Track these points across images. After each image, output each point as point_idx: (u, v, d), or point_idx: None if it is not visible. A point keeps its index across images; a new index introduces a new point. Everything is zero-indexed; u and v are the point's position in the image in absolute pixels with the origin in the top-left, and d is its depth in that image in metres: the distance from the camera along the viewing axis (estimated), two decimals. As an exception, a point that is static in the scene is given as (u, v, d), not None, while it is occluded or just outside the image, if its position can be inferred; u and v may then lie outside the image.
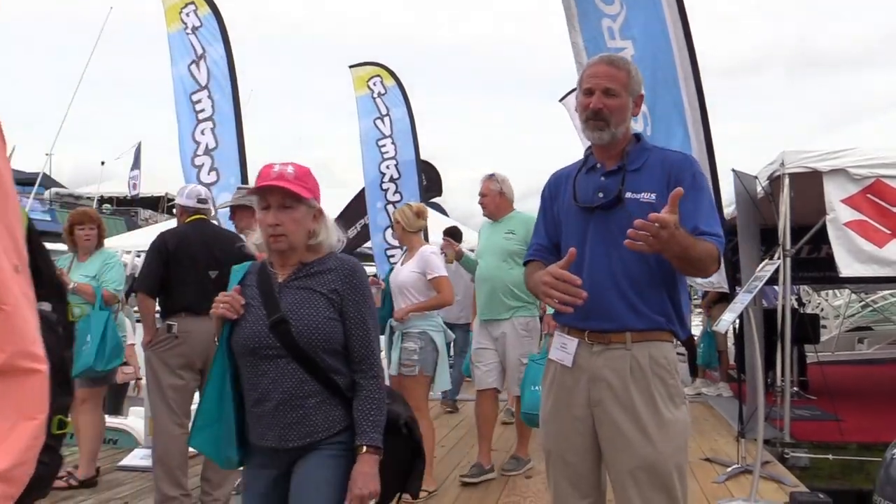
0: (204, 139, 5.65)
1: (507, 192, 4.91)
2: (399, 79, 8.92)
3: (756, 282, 4.50)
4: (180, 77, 5.78)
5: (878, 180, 5.34)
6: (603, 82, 2.25)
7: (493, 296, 4.80)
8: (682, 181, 2.16)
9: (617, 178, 2.26)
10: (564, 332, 2.33)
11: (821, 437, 5.73)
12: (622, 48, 5.82)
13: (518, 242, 4.71)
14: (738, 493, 4.39)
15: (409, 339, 4.43)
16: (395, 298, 4.59)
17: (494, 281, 4.79)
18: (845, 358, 11.59)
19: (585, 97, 2.28)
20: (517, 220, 4.85)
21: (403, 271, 4.61)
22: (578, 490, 2.28)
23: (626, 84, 2.26)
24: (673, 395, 2.21)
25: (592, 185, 2.30)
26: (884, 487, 3.36)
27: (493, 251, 4.86)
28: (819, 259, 8.49)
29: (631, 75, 2.28)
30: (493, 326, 4.86)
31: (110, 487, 4.72)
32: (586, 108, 2.27)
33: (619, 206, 2.22)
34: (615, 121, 2.25)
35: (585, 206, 2.26)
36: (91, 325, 4.63)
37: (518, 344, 4.79)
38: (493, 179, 4.89)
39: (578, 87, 2.35)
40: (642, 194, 2.21)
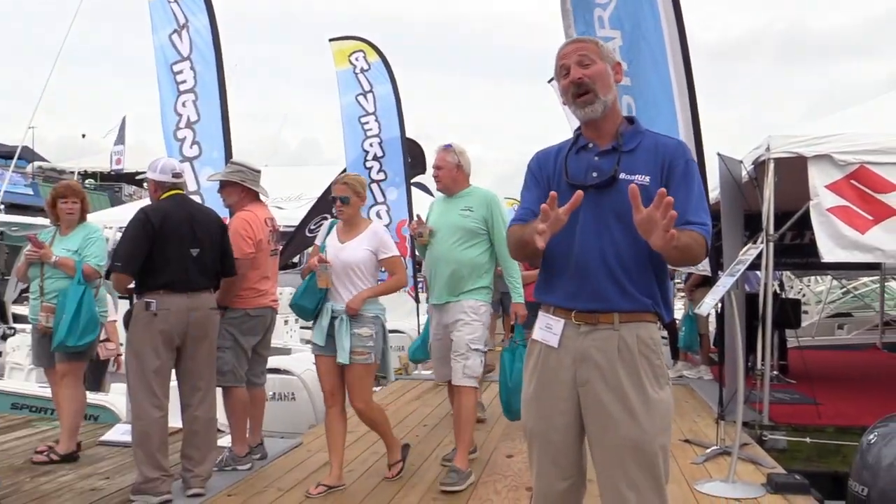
0: (186, 111, 5.54)
1: (464, 164, 4.48)
2: (384, 54, 8.82)
3: (739, 265, 4.52)
4: (161, 46, 5.65)
5: (862, 166, 5.37)
6: (574, 56, 2.28)
7: (453, 278, 4.37)
8: (675, 168, 2.21)
9: (611, 157, 2.26)
10: (549, 312, 2.32)
11: (799, 421, 5.80)
12: (611, 37, 5.80)
13: (476, 220, 4.37)
14: (716, 474, 4.44)
15: (362, 324, 4.06)
16: (339, 279, 4.10)
17: (454, 262, 4.36)
18: (825, 343, 11.71)
19: (564, 78, 2.30)
20: (475, 196, 4.45)
21: (350, 248, 4.14)
22: (561, 470, 2.29)
23: (597, 52, 2.29)
24: (658, 376, 2.23)
25: (585, 165, 2.29)
26: (859, 471, 3.41)
27: (449, 229, 4.42)
28: (802, 245, 8.56)
29: (599, 45, 2.32)
30: (444, 311, 4.44)
31: (91, 462, 4.70)
32: (569, 86, 2.27)
33: (613, 186, 2.22)
34: (601, 88, 2.25)
35: (578, 185, 2.22)
36: (66, 299, 4.58)
37: (468, 328, 4.35)
38: (450, 151, 4.46)
39: (556, 76, 2.36)
40: (636, 176, 2.20)
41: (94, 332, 4.68)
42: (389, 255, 4.19)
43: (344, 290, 4.10)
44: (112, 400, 6.34)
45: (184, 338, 3.99)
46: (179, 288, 3.96)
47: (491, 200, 4.42)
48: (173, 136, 5.53)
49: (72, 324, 4.53)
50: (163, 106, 5.60)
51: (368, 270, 4.14)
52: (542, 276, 2.38)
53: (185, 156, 5.46)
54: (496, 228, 4.38)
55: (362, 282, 4.11)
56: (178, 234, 4.01)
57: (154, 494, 3.87)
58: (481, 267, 4.41)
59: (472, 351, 4.30)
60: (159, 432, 3.93)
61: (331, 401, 4.19)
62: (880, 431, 3.44)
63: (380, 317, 4.17)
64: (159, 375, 3.95)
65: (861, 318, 13.12)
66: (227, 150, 5.48)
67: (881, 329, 11.58)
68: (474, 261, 4.35)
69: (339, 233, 4.24)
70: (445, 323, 4.44)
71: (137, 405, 3.94)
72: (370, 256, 4.14)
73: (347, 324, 4.04)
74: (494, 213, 4.40)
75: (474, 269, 4.37)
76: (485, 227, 4.40)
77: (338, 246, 4.16)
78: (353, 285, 4.10)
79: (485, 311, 4.42)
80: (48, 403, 6.08)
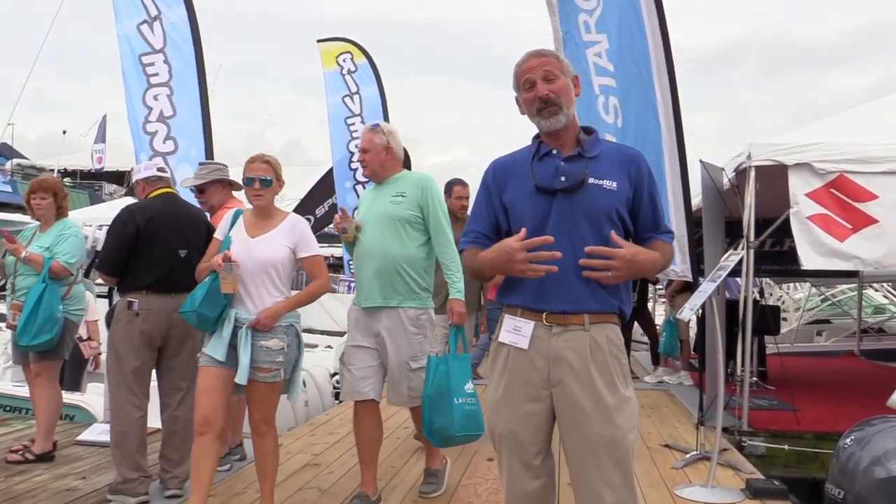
0: (157, 105, 5.41)
1: (394, 147, 3.86)
2: (371, 56, 8.83)
3: (720, 271, 4.55)
4: (126, 35, 5.50)
5: (842, 175, 5.42)
6: (539, 70, 2.33)
7: (382, 277, 3.71)
8: (641, 178, 2.35)
9: (578, 163, 2.32)
10: (517, 314, 2.34)
11: (778, 427, 5.84)
12: (597, 41, 5.84)
13: (409, 207, 3.75)
14: (695, 478, 4.46)
15: (272, 335, 3.37)
16: (250, 282, 3.39)
17: (383, 257, 3.71)
18: (804, 350, 11.84)
19: (528, 92, 2.35)
20: (408, 180, 3.85)
21: (265, 244, 3.43)
22: (531, 471, 2.32)
23: (559, 67, 2.35)
24: (626, 375, 2.32)
25: (552, 169, 2.33)
26: (836, 476, 3.44)
27: (378, 219, 3.77)
28: (781, 252, 8.65)
29: (560, 59, 2.38)
30: (374, 317, 3.75)
31: (67, 462, 4.65)
32: (534, 101, 2.33)
33: (582, 189, 2.28)
34: (565, 102, 2.33)
35: (547, 189, 2.29)
36: (27, 297, 4.52)
37: (406, 343, 3.72)
38: (378, 131, 3.84)
39: (516, 87, 2.40)
40: (604, 181, 2.30)
41: (51, 332, 4.49)
42: (311, 254, 3.52)
43: (255, 295, 3.40)
44: (88, 399, 6.27)
45: (166, 338, 3.96)
46: (163, 288, 3.93)
47: (426, 184, 3.84)
48: (142, 129, 5.38)
49: (27, 322, 4.43)
50: (129, 97, 5.41)
51: (286, 272, 3.48)
52: (507, 278, 2.38)
53: (156, 150, 5.34)
54: (433, 216, 3.79)
55: (276, 286, 3.43)
56: (163, 234, 3.97)
57: (131, 495, 3.83)
58: (417, 263, 3.77)
59: (413, 371, 3.73)
60: (138, 432, 3.89)
61: (203, 427, 3.34)
62: (856, 435, 3.47)
63: (294, 326, 3.49)
64: (139, 375, 3.92)
65: (839, 325, 13.28)
66: (207, 147, 5.40)
67: (858, 336, 11.72)
68: (408, 255, 3.72)
69: (247, 225, 3.51)
70: (376, 331, 3.75)
71: (116, 405, 3.90)
72: (289, 254, 3.47)
73: (251, 335, 3.33)
74: (430, 198, 3.80)
75: (409, 266, 3.73)
76: (420, 214, 3.79)
77: (248, 241, 3.43)
78: (266, 290, 3.41)
79: (426, 319, 3.82)
80: (23, 402, 6.01)
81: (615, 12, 5.79)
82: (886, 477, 3.18)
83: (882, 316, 13.60)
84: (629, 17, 5.73)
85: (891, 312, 13.73)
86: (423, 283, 3.79)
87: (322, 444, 5.18)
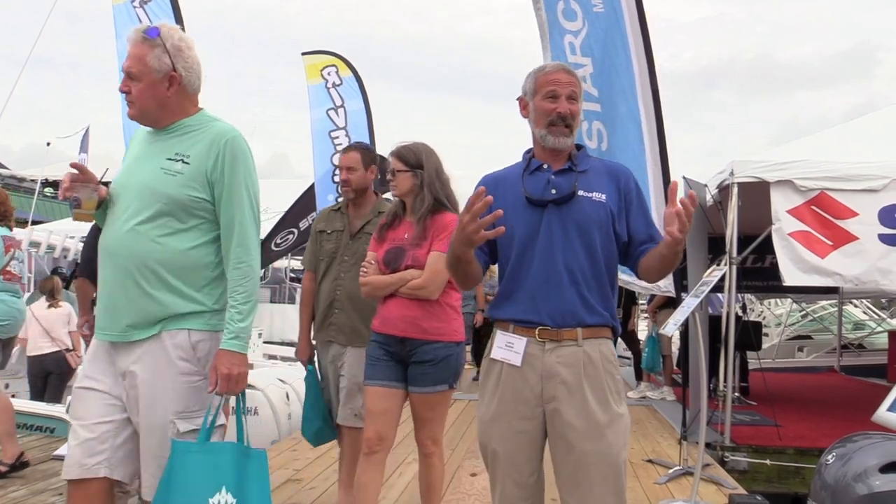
0: None
1: (181, 72, 2.38)
2: (356, 70, 8.83)
3: (703, 287, 4.57)
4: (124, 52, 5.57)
5: (823, 193, 5.49)
6: (567, 88, 2.32)
7: (129, 291, 2.31)
8: (630, 191, 2.36)
9: (568, 176, 2.34)
10: (509, 330, 2.32)
11: (760, 442, 5.87)
12: (582, 65, 5.89)
13: (189, 181, 2.30)
14: (679, 494, 4.47)
15: None
16: None
17: (133, 257, 2.30)
18: (785, 365, 11.91)
19: (549, 102, 2.31)
20: (206, 132, 2.38)
21: None
22: (524, 489, 2.30)
23: (579, 93, 2.36)
24: (619, 391, 2.30)
25: (543, 183, 2.34)
26: (818, 492, 3.46)
27: (134, 192, 2.36)
28: (763, 268, 8.73)
29: (580, 84, 2.40)
30: (121, 354, 2.34)
31: (45, 477, 4.58)
32: (551, 113, 2.30)
33: (572, 201, 2.30)
34: (575, 126, 2.35)
35: (538, 201, 2.30)
36: None
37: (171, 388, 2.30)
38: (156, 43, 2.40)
39: (532, 91, 2.37)
40: (594, 193, 2.32)
41: None
42: None
43: None
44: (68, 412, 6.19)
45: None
46: None
47: (228, 143, 2.36)
48: None
49: None
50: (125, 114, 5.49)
51: None
52: (499, 292, 2.38)
53: None
54: (234, 201, 2.34)
55: None
56: None
57: (110, 511, 3.73)
58: (196, 271, 2.36)
59: (183, 435, 2.31)
60: None
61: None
62: (837, 452, 3.49)
63: None
64: None
65: (820, 340, 13.37)
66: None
67: (839, 352, 11.81)
68: (182, 258, 2.33)
69: None
70: (122, 369, 2.34)
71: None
72: None
73: None
74: (233, 169, 2.35)
75: (183, 275, 2.33)
76: (207, 195, 2.34)
77: None
78: None
79: (207, 350, 2.36)
80: None
81: (600, 33, 5.84)
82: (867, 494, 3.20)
83: (862, 332, 13.72)
84: (614, 37, 5.79)
85: (870, 329, 13.85)
86: (204, 301, 2.37)
87: (304, 460, 5.14)
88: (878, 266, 5.41)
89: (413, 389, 3.16)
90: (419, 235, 3.12)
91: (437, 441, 3.32)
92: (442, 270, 2.94)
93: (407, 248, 3.13)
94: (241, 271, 2.36)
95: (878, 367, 10.73)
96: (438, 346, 3.11)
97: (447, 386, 3.17)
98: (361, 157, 3.62)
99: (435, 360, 3.10)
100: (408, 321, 3.09)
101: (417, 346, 3.11)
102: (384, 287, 3.13)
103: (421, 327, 3.08)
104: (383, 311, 3.16)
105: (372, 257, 3.21)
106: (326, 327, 3.60)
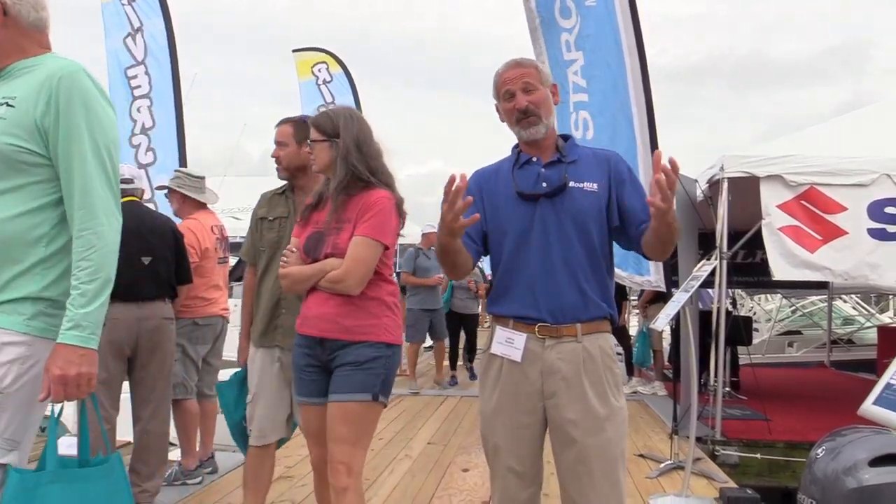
0: (140, 117, 5.45)
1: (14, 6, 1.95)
2: (346, 67, 8.83)
3: (693, 281, 4.58)
4: (114, 50, 5.54)
5: (812, 187, 5.50)
6: (519, 82, 2.34)
7: None
8: (621, 174, 2.34)
9: (558, 168, 2.34)
10: (508, 325, 2.32)
11: (750, 436, 5.89)
12: (575, 59, 5.90)
13: (12, 127, 1.86)
14: (670, 488, 4.48)
15: None
16: None
17: None
18: (775, 360, 11.96)
19: (508, 101, 2.36)
20: (39, 71, 1.92)
21: None
22: (523, 482, 2.32)
23: (538, 77, 2.35)
24: (618, 384, 2.32)
25: (533, 176, 2.34)
26: (808, 486, 3.46)
27: None
28: (753, 264, 8.75)
29: (539, 69, 2.38)
30: None
31: (33, 477, 4.54)
32: (514, 111, 2.34)
33: (564, 193, 2.29)
34: (544, 112, 2.34)
35: (530, 195, 2.30)
36: None
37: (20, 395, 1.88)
38: None
39: (496, 97, 2.41)
40: (584, 183, 2.31)
41: None
42: None
43: None
44: (58, 412, 6.15)
45: (135, 348, 3.89)
46: (128, 297, 3.86)
47: (63, 81, 1.90)
48: (129, 143, 5.43)
49: None
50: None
51: None
52: (496, 287, 2.38)
53: (140, 163, 5.37)
54: (73, 152, 1.89)
55: None
56: (125, 241, 3.91)
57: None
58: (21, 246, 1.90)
59: None
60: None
61: None
62: (827, 446, 3.50)
63: None
64: (108, 387, 3.84)
65: (810, 336, 13.43)
66: (181, 157, 5.39)
67: (828, 347, 11.87)
68: (30, 234, 1.89)
69: None
70: None
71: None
72: None
73: None
74: (69, 111, 1.89)
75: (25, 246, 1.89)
76: (38, 146, 1.89)
77: None
78: None
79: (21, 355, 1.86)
80: None
81: (592, 27, 5.85)
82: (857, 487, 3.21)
83: (851, 327, 13.79)
84: (605, 30, 5.79)
85: (859, 324, 13.93)
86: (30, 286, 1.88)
87: (295, 457, 5.13)
88: (867, 260, 5.44)
89: (330, 398, 2.61)
90: (336, 217, 2.65)
91: (353, 471, 2.59)
92: (365, 259, 2.56)
93: (326, 234, 2.66)
94: (84, 240, 1.87)
95: (867, 361, 10.78)
96: (363, 346, 2.59)
97: (371, 397, 2.58)
98: (294, 130, 3.13)
99: (357, 361, 2.58)
100: (326, 319, 2.61)
101: (338, 349, 2.61)
102: (304, 280, 2.66)
103: (342, 326, 2.59)
104: (304, 309, 2.73)
105: (294, 244, 2.75)
106: (271, 331, 3.07)
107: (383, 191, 2.68)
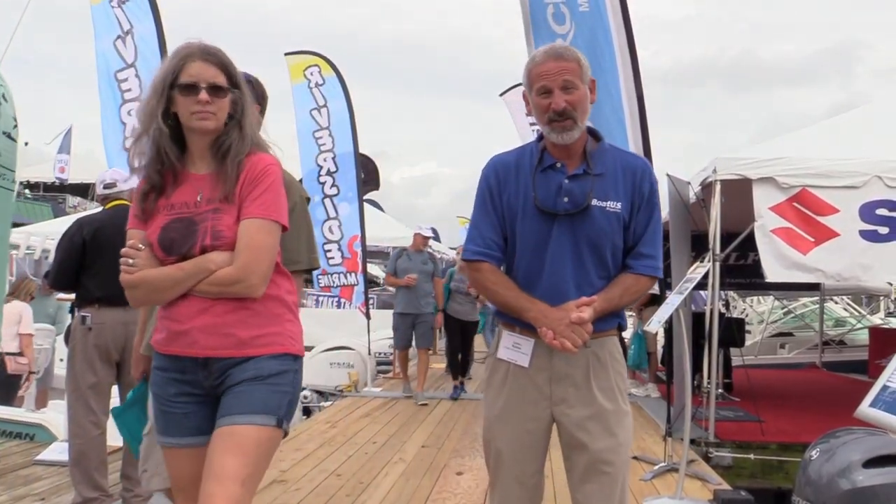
0: (131, 121, 5.43)
1: None
2: (338, 70, 8.82)
3: (687, 283, 4.59)
4: (103, 53, 5.49)
5: (804, 189, 5.52)
6: (558, 78, 2.13)
7: None
8: (642, 192, 2.22)
9: (582, 182, 2.19)
10: (516, 331, 2.27)
11: (744, 438, 5.90)
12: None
13: None
14: (664, 490, 4.48)
15: None
16: None
17: None
18: (768, 362, 12.00)
19: (542, 98, 2.15)
20: None
21: None
22: (526, 488, 2.29)
23: (579, 73, 2.15)
24: (624, 388, 2.28)
25: (555, 188, 2.19)
26: (803, 487, 3.47)
27: None
28: (746, 265, 8.78)
29: (581, 63, 2.18)
30: None
31: (27, 483, 4.51)
32: (547, 110, 2.14)
33: (585, 213, 2.17)
34: (580, 114, 2.16)
35: (548, 212, 2.18)
36: None
37: None
38: None
39: (528, 87, 2.21)
40: (608, 203, 2.18)
41: None
42: None
43: None
44: (49, 418, 6.10)
45: (122, 352, 3.87)
46: (115, 301, 3.83)
47: None
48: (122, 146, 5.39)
49: None
50: (103, 114, 5.41)
51: None
52: None
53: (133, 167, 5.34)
54: None
55: None
56: (111, 245, 3.88)
57: (91, 515, 3.66)
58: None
59: None
60: (97, 451, 3.80)
61: None
62: (821, 447, 3.51)
63: None
64: (97, 392, 3.82)
65: (802, 337, 13.48)
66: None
67: (820, 348, 11.92)
68: None
69: None
70: None
71: (75, 423, 3.81)
72: None
73: None
74: None
75: None
76: None
77: None
78: None
79: None
80: None
81: (586, 32, 5.86)
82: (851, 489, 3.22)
83: (843, 328, 13.85)
84: (598, 35, 5.81)
85: (851, 325, 13.99)
86: None
87: (289, 461, 5.11)
88: (858, 262, 5.46)
89: (219, 422, 1.94)
90: (225, 194, 1.99)
91: None
92: (266, 247, 1.96)
93: (199, 219, 1.99)
94: None
95: (858, 362, 10.83)
96: (264, 358, 1.98)
97: (275, 421, 1.95)
98: None
99: (259, 375, 1.96)
100: (214, 332, 1.96)
101: (231, 367, 1.97)
102: (169, 286, 1.98)
103: (238, 339, 1.96)
104: (168, 320, 2.02)
105: (139, 240, 2.08)
106: None
107: (267, 155, 2.06)
